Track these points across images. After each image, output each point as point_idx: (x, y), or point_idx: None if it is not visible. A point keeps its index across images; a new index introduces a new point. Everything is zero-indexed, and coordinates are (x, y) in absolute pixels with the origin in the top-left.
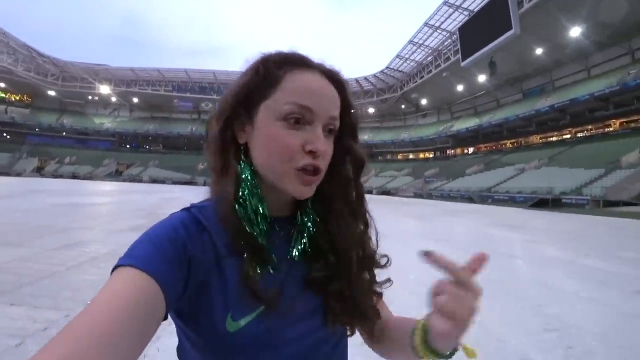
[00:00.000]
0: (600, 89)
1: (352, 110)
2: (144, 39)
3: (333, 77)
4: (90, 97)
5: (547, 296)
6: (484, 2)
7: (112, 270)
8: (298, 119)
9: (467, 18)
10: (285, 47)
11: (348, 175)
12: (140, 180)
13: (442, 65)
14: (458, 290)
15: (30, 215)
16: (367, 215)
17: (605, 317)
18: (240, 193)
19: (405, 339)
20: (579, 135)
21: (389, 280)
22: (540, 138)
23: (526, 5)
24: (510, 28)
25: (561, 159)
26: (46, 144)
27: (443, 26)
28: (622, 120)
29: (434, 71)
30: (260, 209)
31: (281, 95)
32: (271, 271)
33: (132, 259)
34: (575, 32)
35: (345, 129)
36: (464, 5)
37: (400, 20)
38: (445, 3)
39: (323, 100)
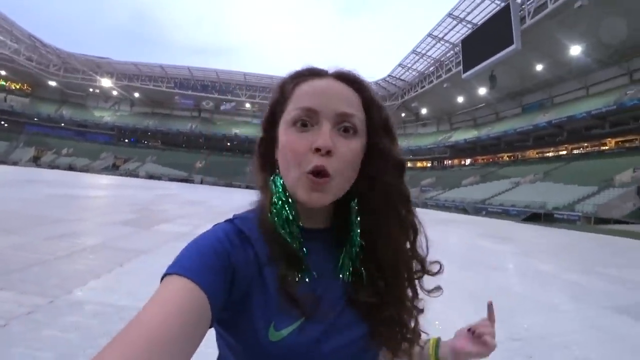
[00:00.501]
0: (597, 107)
1: (380, 108)
2: (150, 35)
3: (347, 78)
4: (91, 90)
5: (520, 307)
6: (487, 16)
7: (162, 279)
8: (305, 122)
9: (470, 31)
10: (293, 51)
11: (389, 180)
12: (137, 176)
13: (444, 76)
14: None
15: (25, 204)
16: (417, 222)
17: (572, 330)
18: (274, 202)
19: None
20: (575, 152)
21: (439, 288)
22: (537, 153)
23: (528, 22)
24: (512, 43)
25: (556, 174)
26: (44, 134)
27: (446, 38)
28: (617, 139)
29: (435, 81)
30: (291, 217)
31: (291, 105)
32: (307, 280)
33: (181, 268)
34: (575, 50)
35: (374, 129)
36: (468, 18)
37: (404, 29)
38: (449, 15)
39: (328, 99)
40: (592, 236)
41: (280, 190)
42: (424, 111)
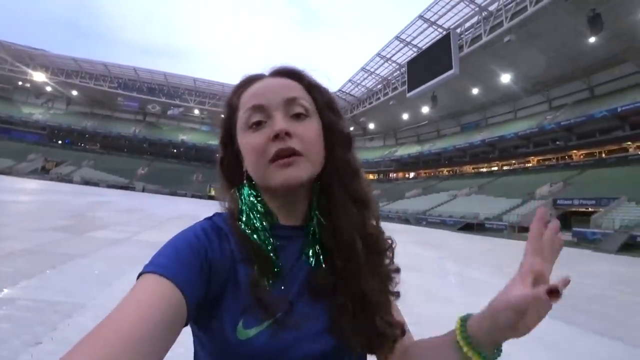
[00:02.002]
0: (523, 129)
1: (321, 89)
2: (94, 29)
3: (284, 72)
4: (20, 83)
5: (422, 299)
6: (431, 42)
7: (137, 277)
8: (259, 121)
9: (415, 54)
10: (247, 59)
11: (339, 155)
12: (71, 181)
13: (390, 94)
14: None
15: None
16: (369, 195)
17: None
18: (241, 209)
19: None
20: (505, 168)
21: (397, 270)
22: (473, 168)
23: (465, 50)
24: (451, 68)
25: (488, 188)
26: None
27: (394, 58)
28: (538, 157)
29: (382, 98)
30: (259, 224)
31: (240, 112)
32: (282, 287)
33: (155, 266)
34: (505, 78)
35: (320, 109)
36: (414, 42)
37: (355, 47)
38: (397, 38)
39: (271, 92)
40: (513, 242)
41: (247, 198)
42: (371, 126)
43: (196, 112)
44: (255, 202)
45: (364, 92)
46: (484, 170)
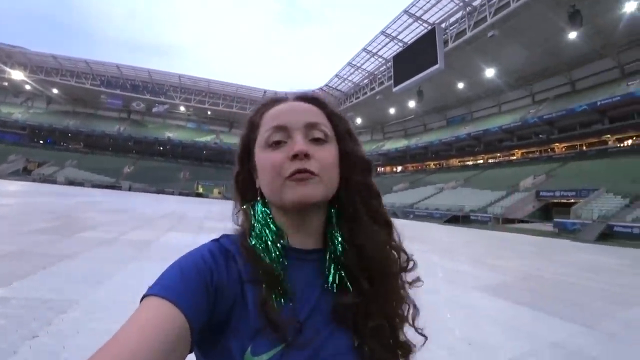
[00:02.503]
0: (507, 123)
1: (342, 118)
2: (74, 25)
3: (307, 98)
4: None
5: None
6: (416, 37)
7: (141, 299)
8: (279, 141)
9: (401, 49)
10: (232, 56)
11: (359, 180)
12: (54, 182)
13: (377, 89)
14: None
15: None
16: (386, 215)
17: (435, 304)
18: (254, 225)
19: None
20: (490, 161)
21: (418, 279)
22: (459, 161)
23: (450, 45)
24: (436, 63)
25: (474, 180)
26: None
27: (380, 53)
28: (522, 150)
29: (369, 93)
30: (271, 239)
31: (261, 130)
32: (291, 304)
33: (160, 288)
34: (490, 72)
35: (340, 136)
36: (399, 37)
37: (342, 42)
38: (382, 33)
39: (294, 115)
40: (496, 234)
41: (260, 215)
42: (358, 121)
43: (182, 109)
44: (268, 219)
45: (350, 87)
46: (470, 163)
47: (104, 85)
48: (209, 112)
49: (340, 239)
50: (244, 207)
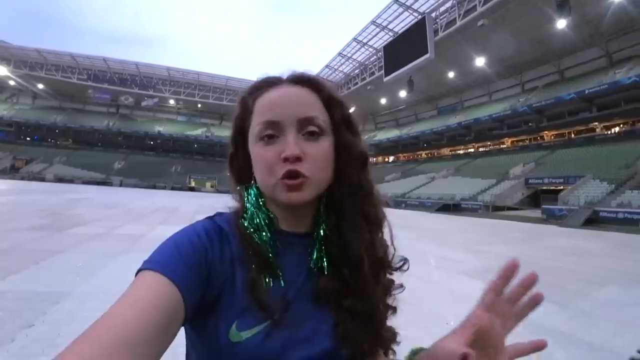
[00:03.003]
0: (497, 111)
1: (340, 104)
2: (58, 18)
3: (303, 80)
4: None
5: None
6: (407, 26)
7: (136, 274)
8: (271, 135)
9: (391, 38)
10: (221, 46)
11: (353, 174)
12: (43, 179)
13: (368, 79)
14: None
15: None
16: (380, 216)
17: (421, 288)
18: (247, 207)
19: None
20: (481, 149)
21: (400, 286)
22: (450, 150)
23: (440, 34)
24: (426, 52)
25: (465, 169)
26: None
27: (370, 43)
28: (512, 139)
29: (359, 83)
30: (263, 222)
31: (254, 120)
32: (282, 284)
33: (155, 263)
34: (480, 61)
35: (336, 126)
36: (390, 27)
37: (332, 33)
38: (373, 22)
39: (287, 107)
40: (486, 221)
41: (253, 198)
42: (350, 111)
43: (171, 102)
44: (260, 203)
45: (341, 77)
46: (461, 152)
47: (91, 79)
48: (199, 105)
49: (324, 226)
50: (238, 188)
